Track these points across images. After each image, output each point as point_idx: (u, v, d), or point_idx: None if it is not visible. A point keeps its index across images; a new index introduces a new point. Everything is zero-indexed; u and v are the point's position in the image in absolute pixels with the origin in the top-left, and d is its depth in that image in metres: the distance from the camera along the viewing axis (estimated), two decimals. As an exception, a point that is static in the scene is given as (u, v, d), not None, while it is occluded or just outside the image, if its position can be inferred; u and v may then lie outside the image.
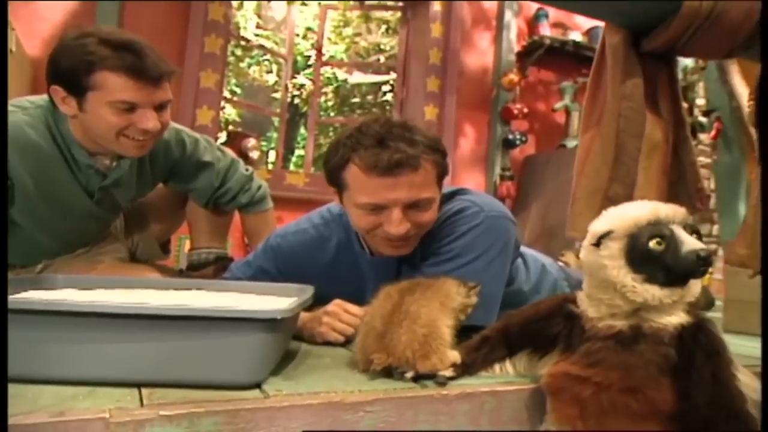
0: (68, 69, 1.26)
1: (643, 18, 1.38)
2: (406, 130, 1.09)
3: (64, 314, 0.76)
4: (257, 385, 0.78)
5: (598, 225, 0.84)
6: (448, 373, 0.84)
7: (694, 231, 0.81)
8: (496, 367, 0.91)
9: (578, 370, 0.79)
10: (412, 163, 1.06)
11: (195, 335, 0.77)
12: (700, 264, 0.76)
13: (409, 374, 0.82)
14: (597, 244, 0.82)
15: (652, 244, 0.78)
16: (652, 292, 0.78)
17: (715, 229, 2.91)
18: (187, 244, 1.92)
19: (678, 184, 1.42)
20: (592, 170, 1.39)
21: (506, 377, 0.90)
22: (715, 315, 1.42)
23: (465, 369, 0.87)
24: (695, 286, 0.81)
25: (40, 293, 0.98)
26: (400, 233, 1.10)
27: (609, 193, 1.32)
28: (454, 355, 0.86)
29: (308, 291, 1.02)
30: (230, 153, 1.74)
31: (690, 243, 0.77)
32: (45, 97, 1.36)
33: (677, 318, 0.80)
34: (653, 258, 0.78)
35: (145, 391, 0.74)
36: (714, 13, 1.26)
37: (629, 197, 1.27)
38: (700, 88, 3.41)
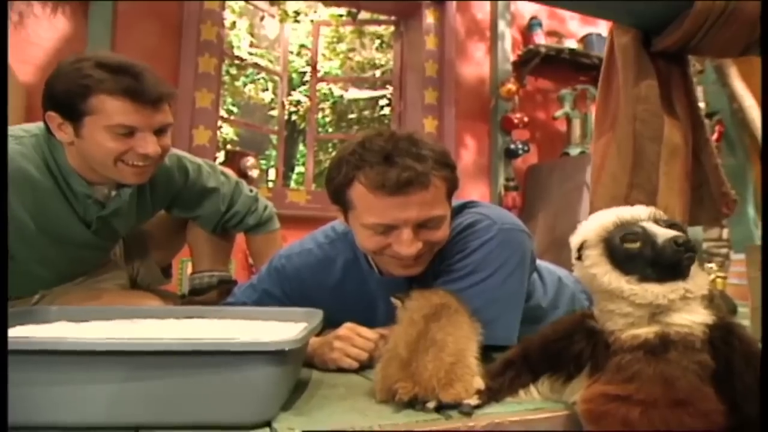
0: (64, 94, 1.21)
1: (653, 16, 1.33)
2: (413, 144, 1.03)
3: (49, 353, 0.70)
4: (267, 424, 0.72)
5: (574, 238, 0.84)
6: (474, 401, 0.77)
7: (669, 225, 0.78)
8: (521, 392, 0.85)
9: (616, 388, 0.73)
10: (422, 181, 1.00)
11: (196, 371, 0.71)
12: (681, 250, 0.73)
13: (431, 404, 0.76)
14: (579, 258, 0.81)
15: (627, 243, 0.76)
16: (653, 290, 0.74)
17: (725, 232, 2.85)
18: (190, 267, 1.86)
19: (701, 189, 1.36)
20: (610, 177, 1.32)
21: (533, 403, 0.83)
22: (741, 323, 1.35)
23: (491, 395, 0.80)
24: (700, 278, 0.77)
25: (29, 328, 0.92)
26: (411, 254, 1.04)
27: (629, 200, 1.26)
28: (479, 382, 0.79)
29: (317, 315, 0.96)
30: (233, 175, 1.69)
31: (664, 233, 0.75)
32: (40, 124, 1.31)
33: (700, 317, 0.76)
34: (634, 256, 0.75)
35: (143, 435, 0.67)
36: (729, 8, 1.21)
37: (651, 204, 1.23)
38: (699, 91, 3.36)
